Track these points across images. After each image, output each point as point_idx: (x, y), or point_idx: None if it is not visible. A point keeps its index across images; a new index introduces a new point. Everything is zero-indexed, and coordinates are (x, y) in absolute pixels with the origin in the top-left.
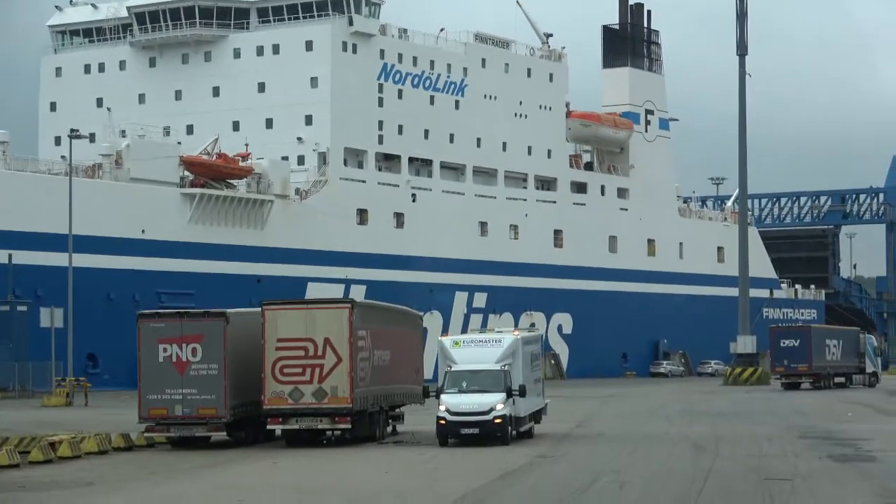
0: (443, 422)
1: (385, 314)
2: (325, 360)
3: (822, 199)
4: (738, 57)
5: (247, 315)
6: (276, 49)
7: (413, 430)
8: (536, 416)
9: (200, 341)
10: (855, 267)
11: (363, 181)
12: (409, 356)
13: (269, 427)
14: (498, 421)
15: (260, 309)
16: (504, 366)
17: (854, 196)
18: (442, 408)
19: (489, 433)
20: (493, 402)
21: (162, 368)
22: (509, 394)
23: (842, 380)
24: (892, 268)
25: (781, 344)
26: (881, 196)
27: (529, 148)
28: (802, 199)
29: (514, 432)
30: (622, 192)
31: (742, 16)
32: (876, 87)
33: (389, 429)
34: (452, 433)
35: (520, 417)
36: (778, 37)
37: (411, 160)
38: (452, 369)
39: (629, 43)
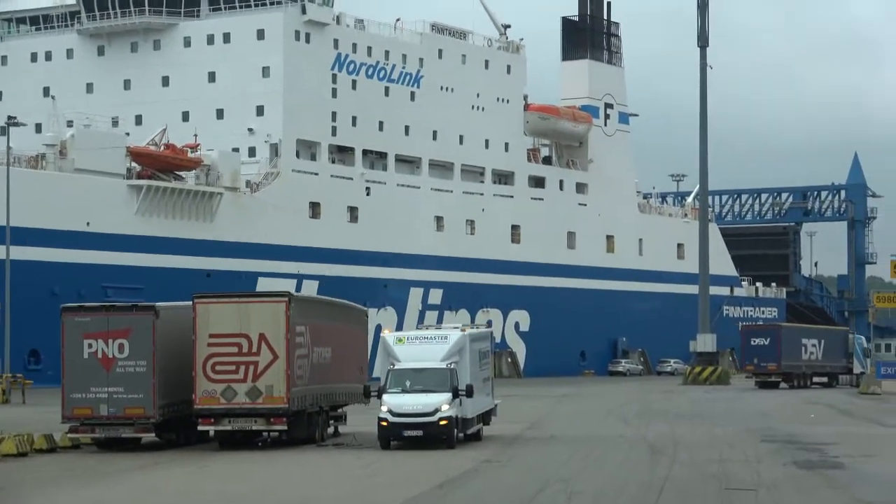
0: (385, 423)
1: (326, 309)
2: (259, 358)
3: (784, 195)
4: (699, 48)
5: (178, 309)
6: (226, 38)
7: (355, 432)
8: (485, 418)
9: (128, 336)
10: (816, 265)
11: (316, 174)
12: (352, 353)
13: (200, 428)
14: (443, 423)
15: (191, 302)
16: (450, 364)
17: (815, 193)
18: (384, 408)
19: (434, 436)
20: (439, 403)
21: (87, 365)
22: (455, 394)
23: (823, 380)
24: (853, 265)
25: (752, 343)
26: (843, 193)
27: (487, 141)
28: (763, 196)
29: (460, 435)
30: (581, 187)
31: (703, 6)
32: (837, 86)
33: (331, 430)
34: (395, 435)
35: (467, 419)
36: (738, 34)
37: (365, 153)
38: (395, 367)
39: (588, 35)
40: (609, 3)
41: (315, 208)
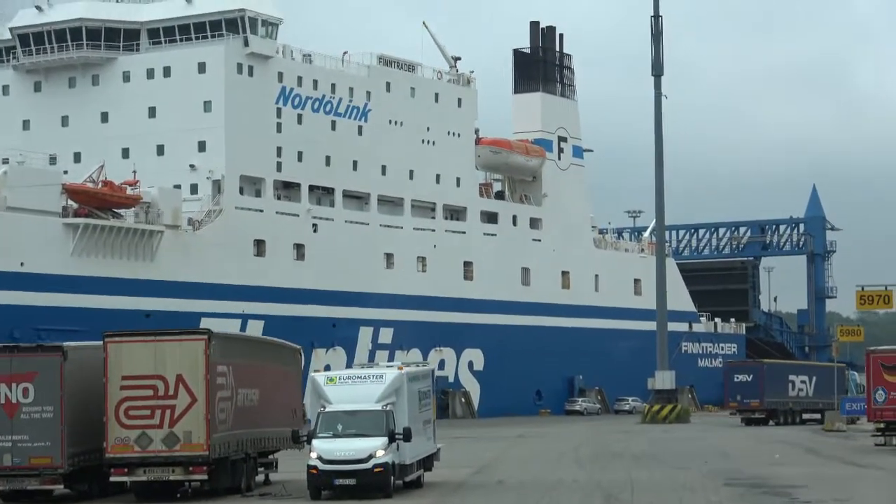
0: (314, 471)
1: (252, 347)
2: (177, 401)
3: (742, 230)
4: (654, 77)
5: (88, 349)
6: (167, 72)
7: (286, 481)
8: (427, 463)
9: (33, 380)
10: (775, 300)
11: (260, 210)
12: (283, 395)
13: (113, 479)
14: (378, 470)
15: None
16: (386, 406)
17: (774, 227)
18: (313, 455)
19: (369, 484)
20: (373, 448)
21: None
22: (392, 438)
23: (816, 416)
24: (813, 300)
25: (735, 379)
26: (801, 227)
27: (437, 176)
28: (721, 231)
29: (398, 482)
30: (535, 223)
31: (657, 35)
32: (792, 121)
33: (261, 478)
34: (325, 485)
35: (405, 465)
36: (690, 71)
37: (312, 188)
38: (326, 410)
39: (541, 67)
40: (561, 36)
41: (260, 246)
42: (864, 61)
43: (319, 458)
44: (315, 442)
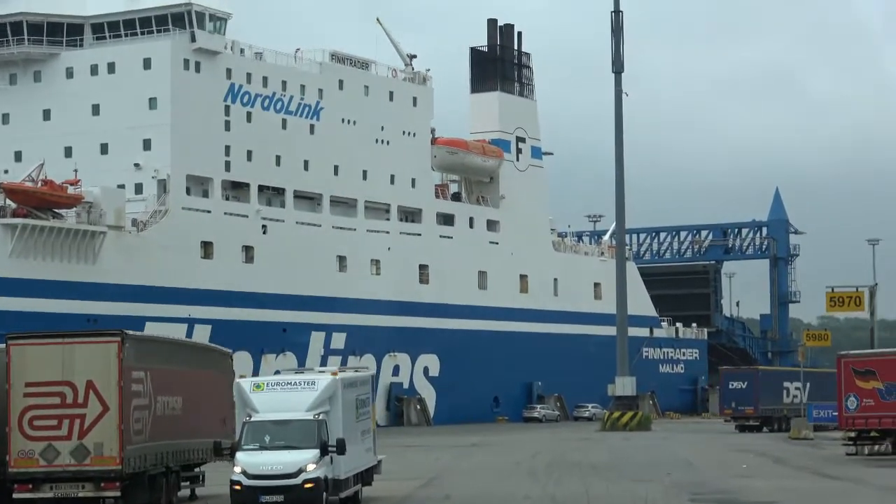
0: (238, 487)
1: (175, 351)
2: (87, 410)
3: (703, 233)
4: (614, 74)
5: None
6: (111, 68)
7: (210, 496)
8: (366, 477)
9: None
10: (738, 304)
11: (208, 211)
12: (212, 403)
13: (16, 496)
14: (309, 485)
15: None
16: (318, 415)
17: (736, 230)
18: (237, 469)
19: (298, 501)
20: (303, 462)
21: None
22: (325, 450)
23: None
24: (776, 304)
25: (730, 386)
26: (764, 230)
27: (392, 176)
28: (683, 234)
29: (332, 499)
30: (492, 225)
31: (617, 31)
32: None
33: (187, 493)
34: (250, 502)
35: (340, 480)
36: (650, 74)
37: (262, 189)
38: (252, 419)
39: (498, 66)
40: (520, 34)
41: (207, 248)
42: (820, 66)
43: (244, 472)
44: (239, 455)
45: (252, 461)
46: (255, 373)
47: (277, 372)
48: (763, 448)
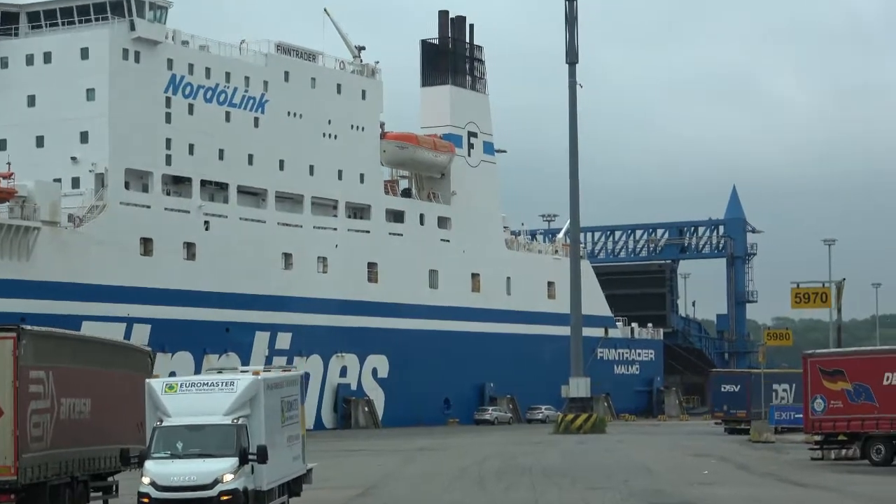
0: (146, 501)
1: (82, 348)
2: None
3: (659, 232)
4: (568, 65)
5: None
6: (47, 58)
7: None
8: (294, 487)
9: None
10: (694, 304)
11: (148, 206)
12: (127, 407)
13: None
14: (226, 498)
15: None
16: (238, 419)
17: (692, 229)
18: (145, 480)
19: None
20: (220, 472)
21: None
22: (244, 459)
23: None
24: (733, 304)
25: (722, 389)
26: (721, 228)
27: (340, 172)
28: (638, 233)
29: None
30: (443, 222)
31: (571, 21)
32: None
33: None
34: None
35: (262, 491)
36: (604, 76)
37: (204, 183)
38: (163, 424)
39: (450, 59)
40: (472, 26)
41: (147, 244)
42: (775, 68)
43: (153, 483)
44: (148, 464)
45: (162, 471)
46: (197, 374)
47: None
48: (723, 452)
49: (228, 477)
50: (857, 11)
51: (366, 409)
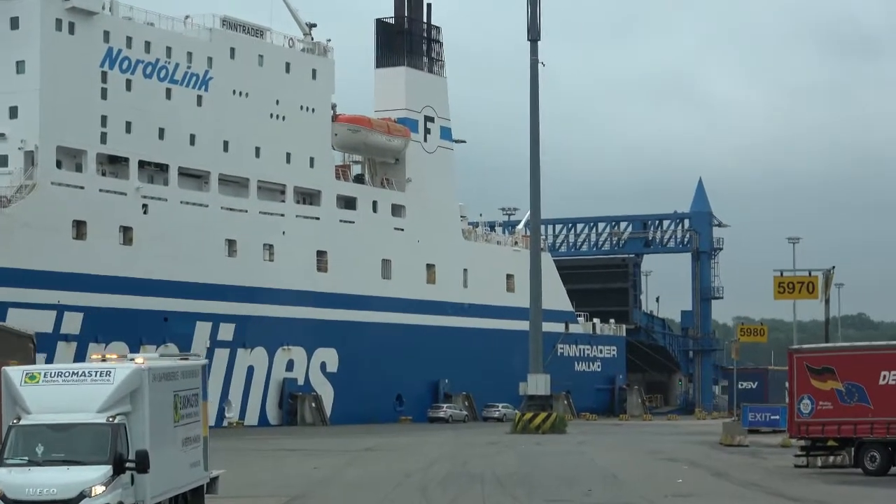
0: None
1: None
2: None
3: (623, 225)
4: (530, 42)
5: None
6: None
7: None
8: (193, 500)
9: None
10: (658, 300)
11: (81, 187)
12: None
13: None
14: None
15: None
16: (114, 417)
17: (657, 222)
18: None
19: None
20: (88, 483)
21: None
22: (121, 466)
23: None
24: (698, 301)
25: (740, 386)
26: (686, 222)
27: (288, 155)
28: (601, 226)
29: None
30: (397, 210)
31: None
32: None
33: None
34: None
35: None
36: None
37: (142, 164)
38: (21, 423)
39: (406, 39)
40: (429, 6)
41: (80, 228)
42: (715, 70)
43: (2, 497)
44: (1, 472)
45: (15, 481)
46: None
47: None
48: (695, 457)
49: (98, 489)
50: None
51: (313, 405)
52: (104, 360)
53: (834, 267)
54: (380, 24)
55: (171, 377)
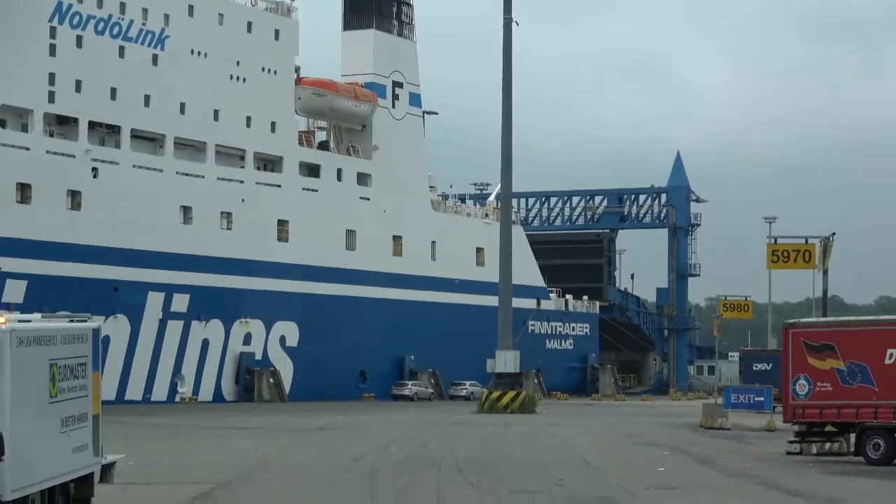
0: None
1: None
2: None
3: (598, 199)
4: (503, 1)
5: None
6: None
7: None
8: (78, 491)
9: None
10: (633, 277)
11: (26, 148)
12: None
13: None
14: None
15: None
16: None
17: (633, 197)
18: None
19: None
20: None
21: None
22: None
23: None
24: (674, 278)
25: (753, 368)
26: (663, 197)
27: (248, 119)
28: (575, 200)
29: None
30: (363, 178)
31: None
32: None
33: None
34: None
35: (3, 502)
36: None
37: (93, 125)
38: None
39: (375, 1)
40: None
41: (25, 191)
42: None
43: None
44: None
45: None
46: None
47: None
48: (675, 441)
49: None
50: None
51: (271, 380)
52: None
53: (834, 234)
54: None
55: (45, 342)
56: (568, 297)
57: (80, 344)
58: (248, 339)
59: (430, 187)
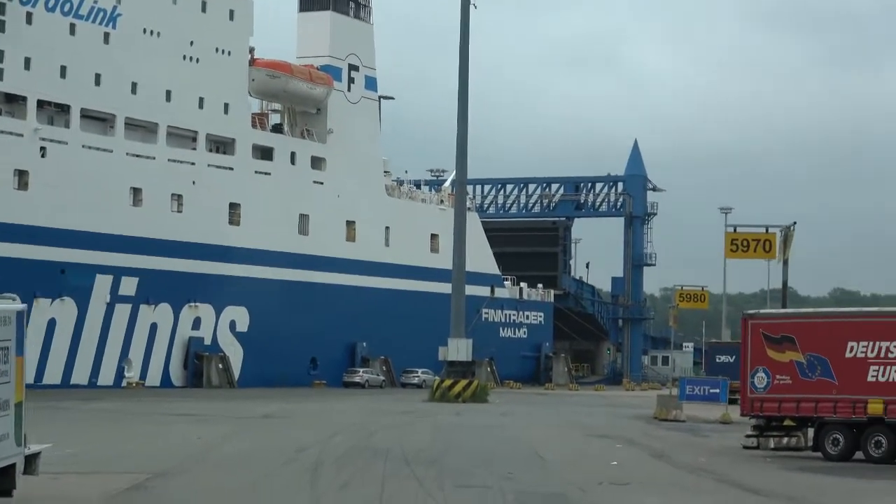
0: None
1: None
2: None
3: (554, 187)
4: None
5: None
6: None
7: None
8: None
9: None
10: (588, 266)
11: None
12: None
13: None
14: None
15: None
16: None
17: (590, 185)
18: None
19: None
20: None
21: None
22: None
23: None
24: (629, 267)
25: (717, 360)
26: (620, 185)
27: (201, 100)
28: (531, 187)
29: None
30: (317, 162)
31: None
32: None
33: None
34: None
35: None
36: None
37: (41, 104)
38: None
39: None
40: None
41: None
42: (640, 38)
43: None
44: None
45: None
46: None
47: (47, 323)
48: (629, 433)
49: None
50: None
51: (220, 366)
52: None
53: (795, 223)
54: None
55: None
56: (522, 285)
57: (2, 327)
58: (197, 324)
59: (385, 172)
